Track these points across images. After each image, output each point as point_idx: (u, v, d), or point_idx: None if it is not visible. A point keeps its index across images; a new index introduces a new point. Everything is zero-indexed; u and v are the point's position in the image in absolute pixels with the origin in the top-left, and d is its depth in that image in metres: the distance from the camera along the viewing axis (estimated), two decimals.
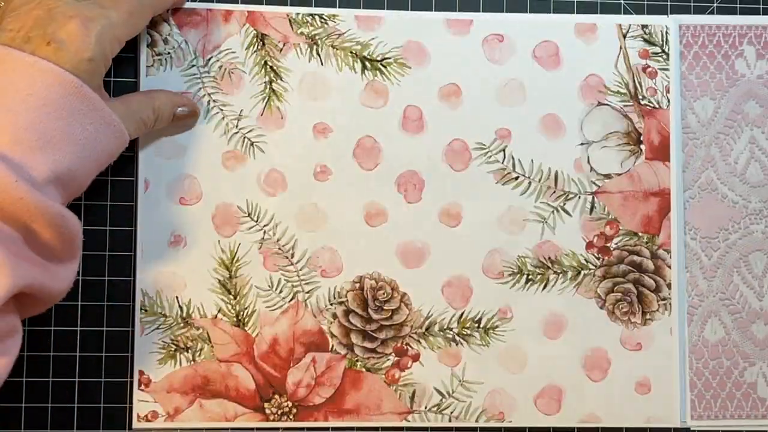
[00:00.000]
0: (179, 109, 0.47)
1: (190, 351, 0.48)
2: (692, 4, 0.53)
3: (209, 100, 0.49)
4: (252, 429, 0.49)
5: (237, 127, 0.49)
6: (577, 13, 0.52)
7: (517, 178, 0.51)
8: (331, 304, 0.49)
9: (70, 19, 0.39)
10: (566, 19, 0.51)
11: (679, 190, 0.51)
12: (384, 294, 0.50)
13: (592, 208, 0.51)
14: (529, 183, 0.51)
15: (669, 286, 0.51)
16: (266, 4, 0.50)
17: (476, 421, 0.50)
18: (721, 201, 0.52)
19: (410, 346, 0.50)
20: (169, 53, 0.49)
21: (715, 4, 0.53)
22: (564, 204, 0.51)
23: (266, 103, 0.49)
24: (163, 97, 0.46)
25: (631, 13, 0.52)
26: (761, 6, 0.53)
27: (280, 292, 0.49)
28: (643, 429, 0.51)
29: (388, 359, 0.50)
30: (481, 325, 0.50)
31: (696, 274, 0.51)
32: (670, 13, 0.52)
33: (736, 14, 0.53)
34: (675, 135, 0.51)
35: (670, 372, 0.50)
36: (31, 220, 0.37)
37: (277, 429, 0.49)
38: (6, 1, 0.42)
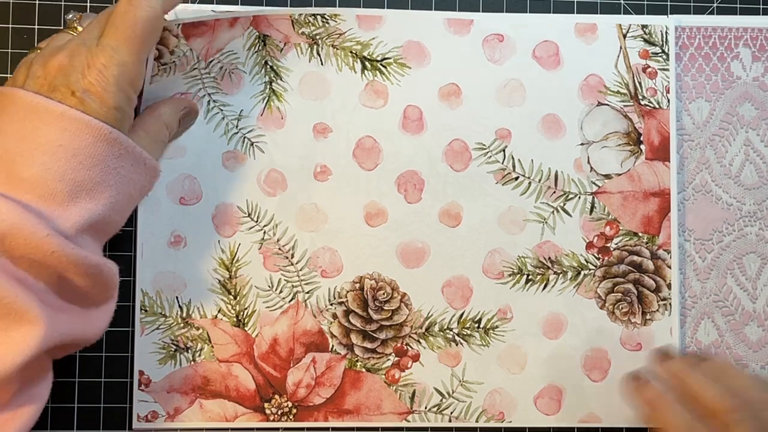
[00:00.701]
0: (181, 112, 0.47)
1: (190, 351, 0.48)
2: (692, 4, 0.53)
3: (209, 101, 0.49)
4: (252, 429, 0.49)
5: (237, 127, 0.49)
6: (577, 13, 0.52)
7: (517, 178, 0.51)
8: (331, 305, 0.49)
9: (88, 68, 0.39)
10: (566, 19, 0.51)
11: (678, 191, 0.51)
12: (384, 294, 0.50)
13: (592, 208, 0.51)
14: (529, 183, 0.51)
15: (669, 286, 0.51)
16: (267, 5, 0.50)
17: (476, 421, 0.50)
18: (716, 203, 0.52)
19: (410, 347, 0.50)
20: (173, 62, 0.49)
21: (714, 5, 0.53)
22: (564, 204, 0.51)
23: (266, 103, 0.49)
24: (167, 110, 0.46)
25: (631, 13, 0.52)
26: (761, 6, 0.54)
27: (280, 292, 0.49)
28: (643, 429, 0.51)
29: (388, 359, 0.49)
30: (481, 326, 0.50)
31: (690, 276, 0.51)
32: (670, 14, 0.53)
33: (736, 14, 0.53)
34: (675, 135, 0.51)
35: None
36: (65, 271, 0.37)
37: (277, 429, 0.49)
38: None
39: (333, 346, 0.49)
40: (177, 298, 0.48)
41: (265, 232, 0.49)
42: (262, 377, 0.49)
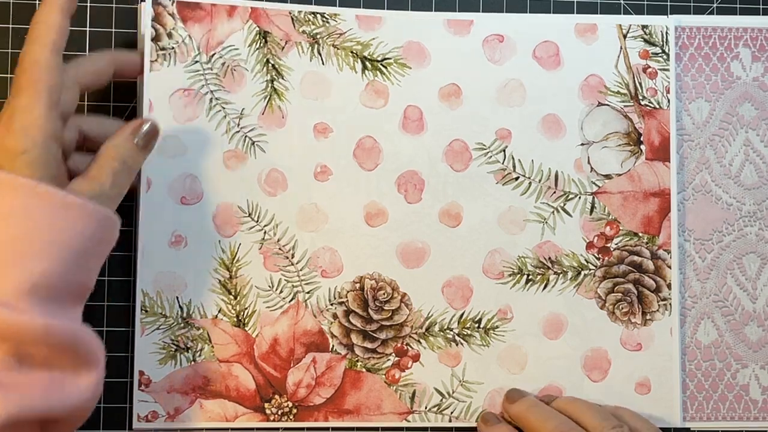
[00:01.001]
0: (137, 139, 0.43)
1: (190, 351, 0.48)
2: (692, 4, 0.53)
3: (212, 98, 0.49)
4: (252, 429, 0.49)
5: (239, 125, 0.49)
6: (577, 13, 0.52)
7: (517, 178, 0.51)
8: (332, 305, 0.49)
9: None
10: (566, 19, 0.51)
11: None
12: (384, 294, 0.50)
13: (593, 208, 0.51)
14: (530, 183, 0.51)
15: (669, 286, 0.51)
16: (267, 0, 0.50)
17: (476, 421, 0.49)
18: (715, 203, 0.52)
19: (410, 347, 0.50)
20: (173, 48, 0.49)
21: (714, 5, 0.53)
22: (564, 204, 0.51)
23: (267, 101, 0.49)
24: (113, 142, 0.42)
25: (631, 14, 0.53)
26: (761, 6, 0.54)
27: (281, 292, 0.49)
28: None
29: (389, 359, 0.49)
30: (481, 326, 0.50)
31: (689, 276, 0.52)
32: (670, 14, 0.53)
33: (736, 15, 0.53)
34: (675, 135, 0.51)
35: (671, 372, 0.50)
36: (14, 340, 0.35)
37: (277, 429, 0.49)
38: None
39: (333, 346, 0.49)
40: (177, 298, 0.48)
41: (265, 232, 0.49)
42: (263, 377, 0.49)
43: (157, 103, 0.48)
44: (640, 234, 0.51)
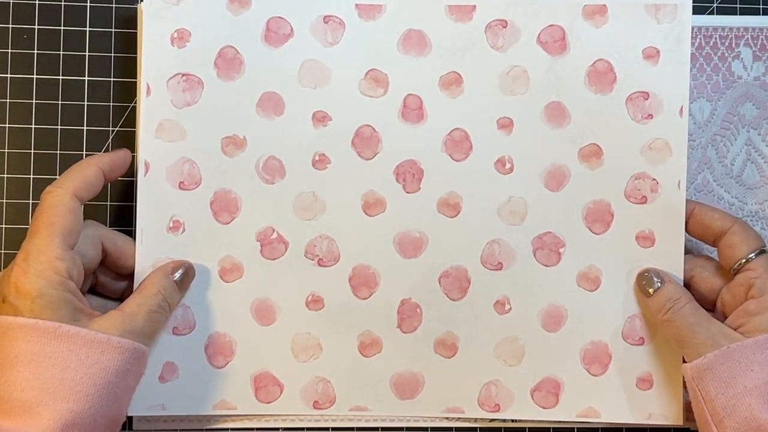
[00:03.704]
0: (176, 276, 0.46)
1: None
2: (692, 4, 0.51)
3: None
4: (252, 429, 0.49)
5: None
6: None
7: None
8: None
9: (10, 271, 0.40)
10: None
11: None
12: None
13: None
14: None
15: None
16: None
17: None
18: (717, 202, 0.51)
19: None
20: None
21: (714, 5, 0.52)
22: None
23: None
24: (155, 278, 0.45)
25: None
26: (761, 6, 0.53)
27: None
28: (643, 428, 0.50)
29: None
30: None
31: None
32: None
33: (736, 14, 0.52)
34: None
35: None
36: None
37: (277, 429, 0.49)
38: None
39: None
40: None
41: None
42: None
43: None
44: None
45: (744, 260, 0.45)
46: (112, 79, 0.50)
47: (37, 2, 0.50)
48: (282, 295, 0.49)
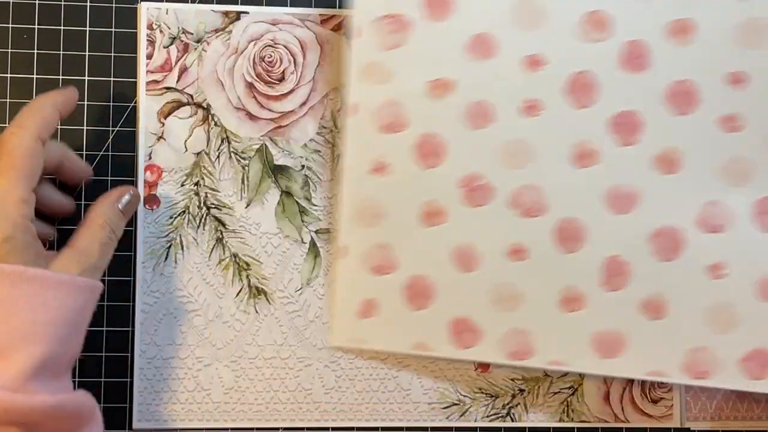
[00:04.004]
0: (121, 204, 0.44)
1: None
2: None
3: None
4: (252, 429, 0.49)
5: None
6: None
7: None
8: None
9: None
10: None
11: None
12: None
13: None
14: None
15: None
16: (266, 5, 0.49)
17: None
18: None
19: None
20: None
21: None
22: None
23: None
24: (101, 211, 0.44)
25: None
26: None
27: None
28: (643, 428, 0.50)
29: None
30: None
31: None
32: None
33: None
34: None
35: None
36: (24, 420, 0.37)
37: (277, 429, 0.49)
38: None
39: None
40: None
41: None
42: None
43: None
44: None
45: None
46: (112, 79, 0.49)
47: (37, 2, 0.49)
48: (484, 243, 0.48)
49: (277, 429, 0.49)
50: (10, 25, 0.49)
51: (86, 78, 0.49)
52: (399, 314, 0.48)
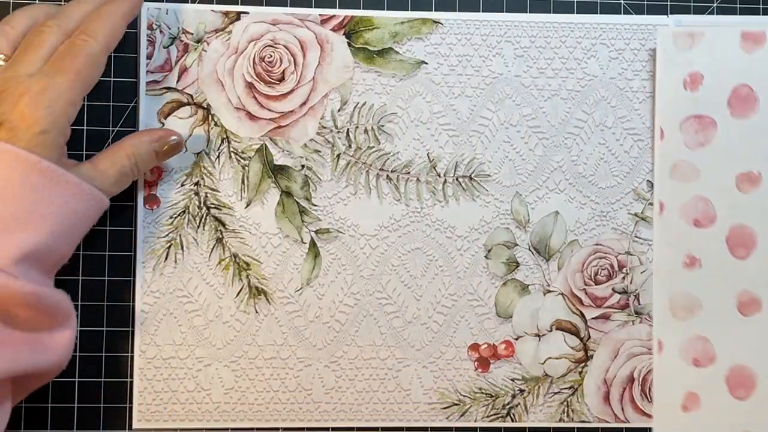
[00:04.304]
0: (155, 144, 0.45)
1: None
2: (692, 4, 0.51)
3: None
4: (252, 429, 0.49)
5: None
6: (577, 12, 0.50)
7: None
8: None
9: (20, 97, 0.39)
10: None
11: None
12: None
13: None
14: None
15: None
16: (266, 5, 0.49)
17: None
18: None
19: None
20: None
21: (715, 4, 0.52)
22: None
23: None
24: (135, 141, 0.45)
25: (631, 13, 0.51)
26: (761, 6, 0.52)
27: None
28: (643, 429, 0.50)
29: None
30: None
31: None
32: (670, 14, 0.51)
33: (736, 14, 0.52)
34: None
35: None
36: (4, 303, 0.37)
37: (278, 429, 0.49)
38: None
39: None
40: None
41: None
42: None
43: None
44: None
45: None
46: (112, 79, 0.49)
47: (37, 2, 0.49)
48: None
49: (277, 429, 0.49)
50: None
51: None
52: (722, 406, 0.49)
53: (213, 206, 0.49)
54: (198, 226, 0.49)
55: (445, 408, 0.49)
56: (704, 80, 0.49)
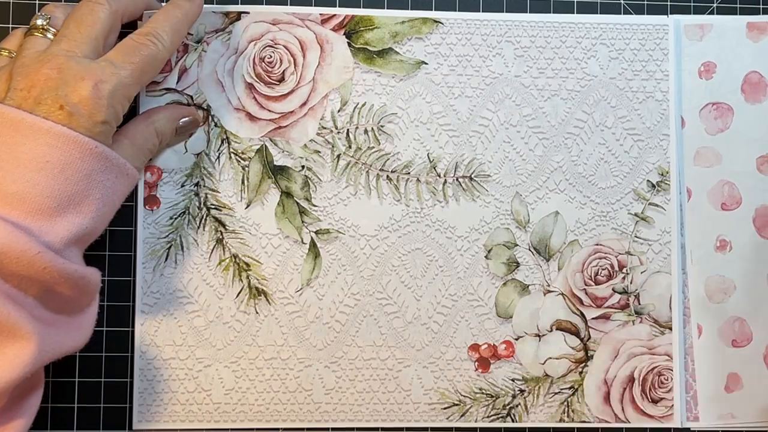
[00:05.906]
0: (181, 121, 0.47)
1: None
2: (692, 4, 0.51)
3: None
4: (252, 429, 0.49)
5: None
6: (576, 13, 0.50)
7: None
8: None
9: (82, 81, 0.39)
10: None
11: None
12: None
13: None
14: None
15: None
16: (266, 4, 0.49)
17: None
18: None
19: None
20: None
21: (715, 4, 0.52)
22: None
23: None
24: (162, 118, 0.46)
25: (631, 13, 0.51)
26: (761, 6, 0.52)
27: None
28: (643, 429, 0.50)
29: None
30: None
31: None
32: (670, 14, 0.51)
33: (736, 14, 0.52)
34: None
35: None
36: (55, 285, 0.38)
37: (277, 429, 0.49)
38: (17, 53, 0.42)
39: None
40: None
41: None
42: None
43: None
44: None
45: None
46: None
47: (37, 2, 0.49)
48: None
49: (278, 430, 0.49)
50: (10, 25, 0.49)
51: None
52: (763, 383, 0.50)
53: (213, 207, 0.49)
54: (198, 227, 0.49)
55: (445, 408, 0.49)
56: (717, 68, 0.50)
